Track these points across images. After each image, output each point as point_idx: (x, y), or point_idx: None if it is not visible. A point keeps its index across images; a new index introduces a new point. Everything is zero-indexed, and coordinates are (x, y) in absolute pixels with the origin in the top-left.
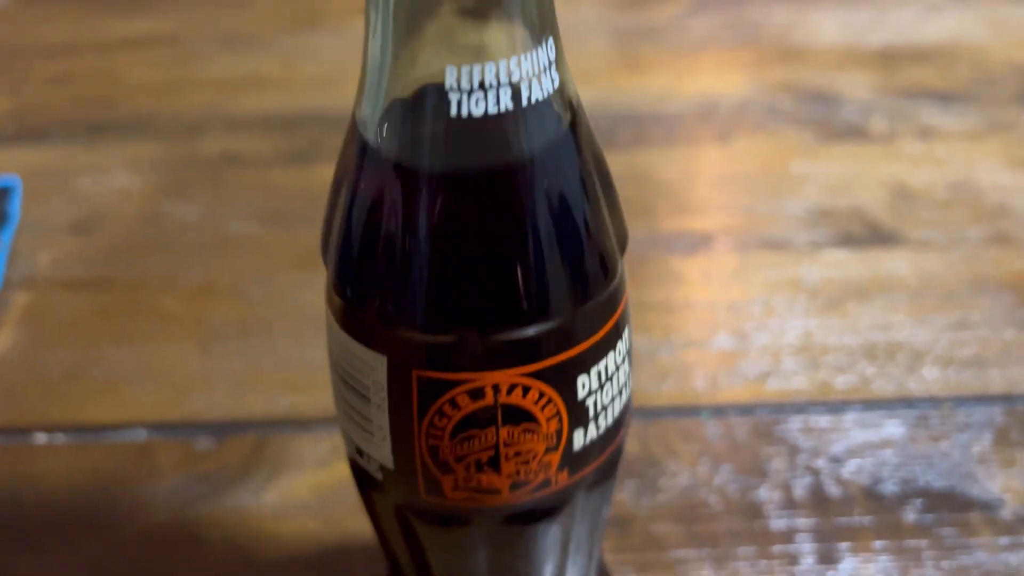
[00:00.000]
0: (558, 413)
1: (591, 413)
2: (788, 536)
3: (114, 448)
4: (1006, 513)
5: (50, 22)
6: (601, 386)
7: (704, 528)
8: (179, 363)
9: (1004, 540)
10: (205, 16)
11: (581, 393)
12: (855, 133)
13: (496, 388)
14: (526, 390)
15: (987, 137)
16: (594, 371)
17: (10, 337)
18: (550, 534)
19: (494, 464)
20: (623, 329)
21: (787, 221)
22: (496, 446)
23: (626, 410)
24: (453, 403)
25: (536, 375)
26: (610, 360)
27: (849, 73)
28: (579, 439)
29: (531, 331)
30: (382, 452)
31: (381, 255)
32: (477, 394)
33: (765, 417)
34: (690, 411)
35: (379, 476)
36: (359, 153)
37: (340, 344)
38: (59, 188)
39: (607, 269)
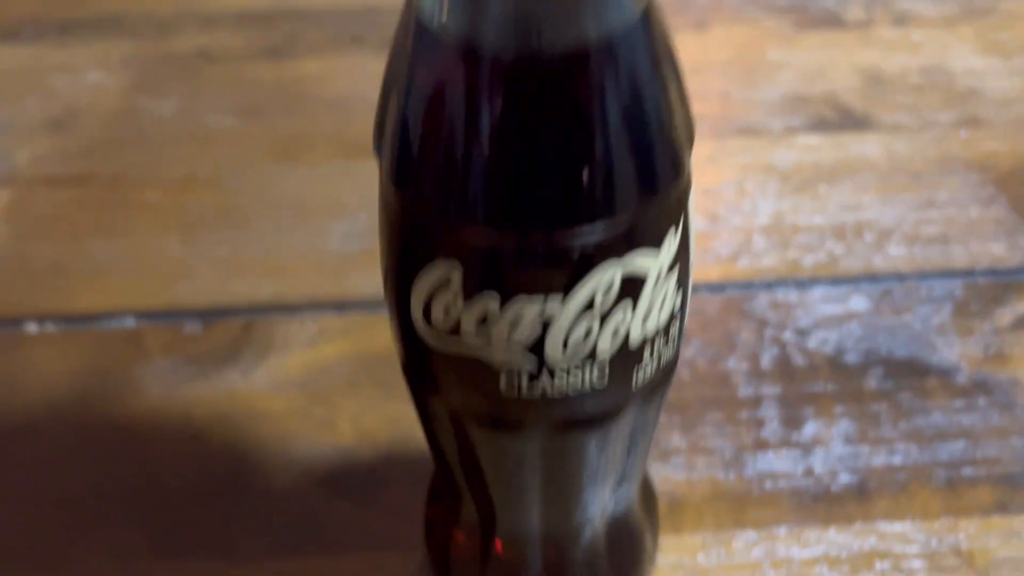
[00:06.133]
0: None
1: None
2: (754, 403)
3: (104, 335)
4: (961, 378)
5: None
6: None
7: (673, 396)
8: (163, 253)
9: (959, 403)
10: None
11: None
12: (832, 21)
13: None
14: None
15: (962, 22)
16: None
17: None
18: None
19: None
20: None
21: (763, 107)
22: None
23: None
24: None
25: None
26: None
27: None
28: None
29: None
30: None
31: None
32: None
33: (735, 294)
34: None
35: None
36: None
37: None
38: (32, 87)
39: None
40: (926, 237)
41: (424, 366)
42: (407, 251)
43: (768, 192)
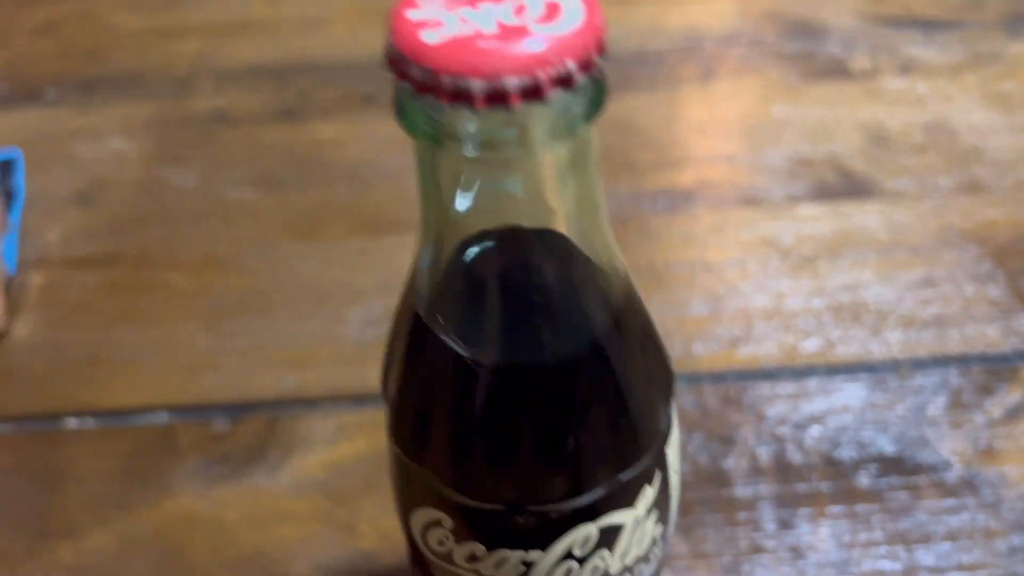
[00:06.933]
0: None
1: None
2: (752, 504)
3: (139, 431)
4: (951, 476)
5: None
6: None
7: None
8: (189, 342)
9: (949, 502)
10: None
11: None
12: (838, 70)
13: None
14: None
15: (968, 70)
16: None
17: (30, 321)
18: None
19: None
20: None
21: (766, 173)
22: None
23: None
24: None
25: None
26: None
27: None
28: None
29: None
30: None
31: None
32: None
33: (734, 385)
34: None
35: None
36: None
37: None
38: (58, 155)
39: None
40: (922, 320)
41: (423, 565)
42: (406, 486)
43: (769, 271)
